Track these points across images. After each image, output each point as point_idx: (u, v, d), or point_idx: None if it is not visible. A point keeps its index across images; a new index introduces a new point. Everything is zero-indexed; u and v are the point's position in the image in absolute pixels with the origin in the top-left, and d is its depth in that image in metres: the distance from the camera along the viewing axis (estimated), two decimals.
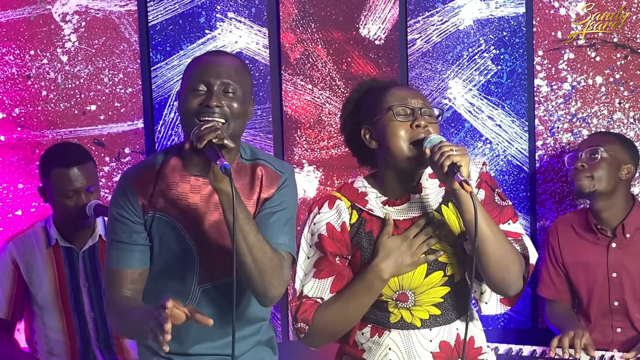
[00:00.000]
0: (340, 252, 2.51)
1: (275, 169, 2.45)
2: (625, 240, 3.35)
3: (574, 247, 3.43)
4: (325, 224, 2.50)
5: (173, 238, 2.42)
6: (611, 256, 3.36)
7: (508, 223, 2.48)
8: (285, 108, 3.70)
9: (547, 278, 3.48)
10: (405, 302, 2.51)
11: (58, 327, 3.30)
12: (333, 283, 2.50)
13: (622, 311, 3.36)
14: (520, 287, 2.47)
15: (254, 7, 3.66)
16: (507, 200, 2.53)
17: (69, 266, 3.29)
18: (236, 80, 2.36)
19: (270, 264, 2.31)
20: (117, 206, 2.43)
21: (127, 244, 2.42)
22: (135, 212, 2.41)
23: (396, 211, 2.50)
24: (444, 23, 3.68)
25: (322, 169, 3.72)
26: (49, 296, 3.28)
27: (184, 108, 2.36)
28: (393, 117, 2.43)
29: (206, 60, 2.41)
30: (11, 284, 3.29)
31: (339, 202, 2.52)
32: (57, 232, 3.28)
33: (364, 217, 2.51)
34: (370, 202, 2.51)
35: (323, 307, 2.49)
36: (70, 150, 3.32)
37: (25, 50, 3.63)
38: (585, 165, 3.35)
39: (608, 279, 3.36)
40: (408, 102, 2.45)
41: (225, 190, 2.23)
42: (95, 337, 3.31)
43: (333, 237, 2.50)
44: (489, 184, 2.52)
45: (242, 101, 2.37)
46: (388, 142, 2.44)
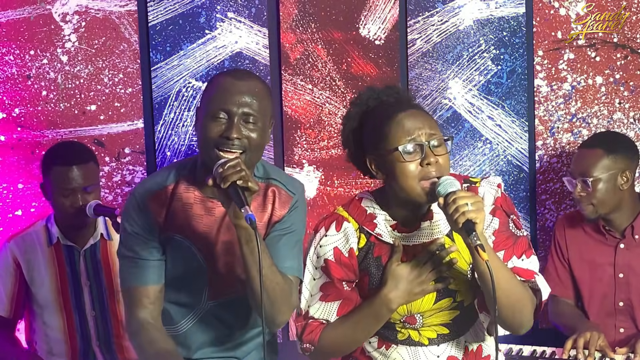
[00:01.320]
0: (348, 277, 2.47)
1: (287, 190, 2.45)
2: (634, 241, 3.33)
3: (580, 244, 3.42)
4: (333, 249, 2.45)
5: (186, 257, 2.44)
6: (619, 257, 3.35)
7: (522, 259, 2.42)
8: (285, 108, 3.70)
9: (552, 273, 3.46)
10: (413, 324, 2.49)
11: (58, 326, 3.30)
12: (340, 307, 2.48)
13: (627, 311, 3.35)
14: (531, 325, 2.42)
15: (254, 7, 3.66)
16: (523, 229, 2.47)
17: (70, 265, 3.29)
18: (257, 109, 2.33)
19: (281, 293, 2.32)
20: (133, 223, 2.42)
21: (144, 260, 2.43)
22: (151, 231, 2.42)
23: (406, 237, 2.44)
24: (444, 23, 3.68)
25: (322, 169, 3.72)
26: (49, 295, 3.28)
27: (203, 135, 2.32)
28: (401, 158, 2.31)
29: (228, 86, 2.34)
30: (13, 282, 3.29)
31: (346, 224, 2.45)
32: (58, 231, 3.28)
33: (372, 241, 2.45)
34: (379, 225, 2.44)
35: (329, 330, 2.47)
36: (72, 149, 3.32)
37: (25, 50, 3.63)
38: (583, 194, 3.29)
39: (614, 279, 3.35)
40: (415, 136, 2.32)
41: (244, 226, 2.22)
42: (96, 336, 3.31)
43: (340, 262, 2.45)
44: (504, 209, 2.45)
45: (262, 131, 2.34)
46: (397, 180, 2.34)
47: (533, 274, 2.41)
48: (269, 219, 2.43)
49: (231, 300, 2.48)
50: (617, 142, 3.39)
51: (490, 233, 2.42)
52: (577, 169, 3.32)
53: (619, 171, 3.28)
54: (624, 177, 3.29)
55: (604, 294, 3.37)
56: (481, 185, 2.46)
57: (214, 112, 2.31)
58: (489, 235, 2.42)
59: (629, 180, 3.30)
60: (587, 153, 3.33)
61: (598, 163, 3.28)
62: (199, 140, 2.36)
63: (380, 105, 2.44)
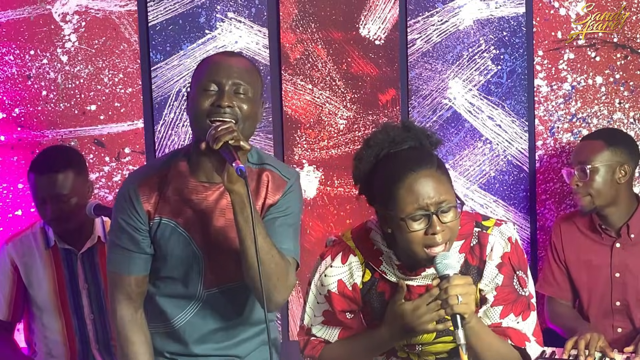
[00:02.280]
0: (350, 308, 2.50)
1: (281, 174, 2.45)
2: (630, 240, 3.33)
3: (577, 245, 3.42)
4: (337, 281, 2.47)
5: (179, 243, 2.42)
6: (615, 256, 3.35)
7: (518, 320, 2.43)
8: (285, 108, 3.70)
9: (549, 275, 3.47)
10: (413, 350, 2.52)
11: (57, 329, 3.30)
12: (341, 332, 2.53)
13: (624, 311, 3.35)
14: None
15: (254, 7, 3.66)
16: (527, 288, 2.46)
17: (68, 268, 3.28)
18: (248, 81, 2.35)
19: (276, 268, 2.31)
20: (122, 213, 2.43)
21: (130, 252, 2.43)
22: (140, 220, 2.41)
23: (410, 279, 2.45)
24: (444, 23, 3.68)
25: (322, 169, 3.72)
26: (48, 298, 3.27)
27: (195, 108, 2.34)
28: (407, 228, 2.29)
29: (217, 60, 2.40)
30: (11, 285, 3.28)
31: (352, 258, 2.47)
32: (55, 234, 3.27)
33: (377, 277, 2.47)
34: (384, 263, 2.45)
35: (329, 350, 2.53)
36: (50, 156, 3.28)
37: (25, 50, 3.63)
38: (579, 184, 3.30)
39: (611, 279, 3.35)
40: (423, 203, 2.28)
41: (238, 192, 2.23)
42: (95, 339, 3.31)
43: (344, 295, 2.48)
44: (512, 263, 2.44)
45: (252, 102, 2.36)
46: (403, 242, 2.34)
47: (525, 341, 2.43)
48: (263, 203, 2.42)
49: (227, 288, 2.46)
50: (619, 136, 3.41)
51: (493, 288, 2.44)
52: (576, 157, 3.34)
53: (617, 164, 3.29)
54: (622, 170, 3.30)
55: (601, 294, 3.37)
56: (492, 235, 2.45)
57: (205, 84, 2.33)
58: (491, 289, 2.44)
59: (626, 175, 3.30)
60: (587, 144, 3.35)
61: (598, 153, 3.29)
62: (191, 117, 2.37)
63: (394, 157, 2.38)
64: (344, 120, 3.71)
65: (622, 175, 3.30)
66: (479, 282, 2.44)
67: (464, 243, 2.44)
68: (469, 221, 2.46)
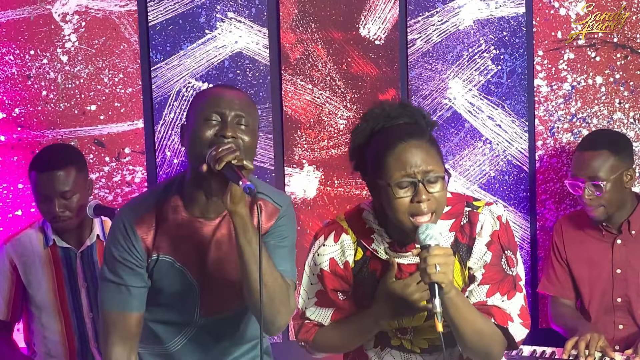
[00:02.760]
0: (342, 287, 2.52)
1: (274, 202, 2.44)
2: (631, 236, 3.34)
3: (578, 243, 3.42)
4: (329, 259, 2.50)
5: (176, 277, 2.42)
6: (616, 253, 3.36)
7: (503, 299, 2.44)
8: (285, 108, 3.70)
9: (551, 274, 3.47)
10: (405, 335, 2.52)
11: (56, 328, 3.30)
12: (333, 313, 2.54)
13: (625, 308, 3.35)
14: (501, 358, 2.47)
15: (254, 7, 3.66)
16: (514, 268, 2.47)
17: (67, 267, 3.29)
18: (248, 113, 2.35)
19: (279, 291, 2.30)
20: (120, 249, 2.40)
21: (129, 287, 2.39)
22: (139, 257, 2.39)
23: (401, 255, 2.47)
24: (444, 23, 3.68)
25: (322, 169, 3.72)
26: (47, 297, 3.28)
27: (196, 138, 2.30)
28: (393, 194, 2.32)
29: (218, 92, 2.38)
30: (9, 285, 3.28)
31: (344, 236, 2.49)
32: (54, 233, 3.27)
33: (369, 255, 2.49)
34: (375, 241, 2.48)
35: (322, 333, 2.53)
36: (51, 154, 3.29)
37: (25, 50, 3.63)
38: (592, 197, 3.27)
39: (612, 276, 3.35)
40: (410, 171, 2.31)
41: (240, 214, 2.22)
42: (94, 337, 3.31)
43: (335, 273, 2.50)
44: (501, 242, 2.46)
45: (253, 133, 2.36)
46: (390, 211, 2.36)
47: (507, 320, 2.43)
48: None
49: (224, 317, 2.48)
50: (619, 141, 3.39)
51: (481, 265, 2.45)
52: (585, 172, 3.28)
53: (623, 169, 3.29)
54: (628, 175, 3.30)
55: (603, 290, 3.38)
56: (482, 213, 2.47)
57: (207, 115, 2.30)
58: (480, 267, 2.45)
59: (632, 178, 3.31)
60: (593, 156, 3.28)
61: (607, 165, 3.26)
62: (190, 148, 2.33)
63: (387, 130, 2.42)
64: (344, 120, 3.71)
65: (628, 179, 3.30)
66: (468, 260, 2.46)
67: (454, 222, 2.46)
68: (459, 201, 2.49)
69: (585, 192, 3.27)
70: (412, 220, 2.31)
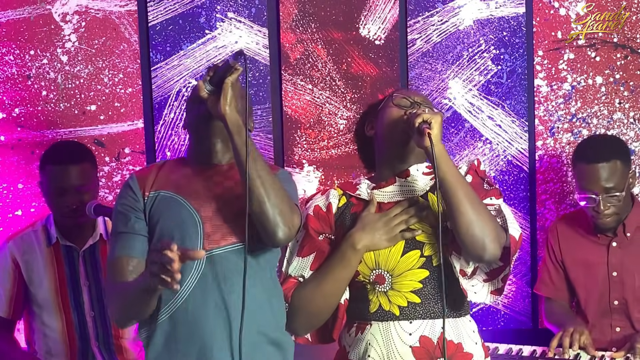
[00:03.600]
0: (323, 229, 2.58)
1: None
2: (626, 239, 3.34)
3: (573, 246, 3.43)
4: (314, 206, 2.61)
5: (175, 209, 2.42)
6: (612, 255, 3.36)
7: (490, 198, 2.52)
8: (285, 108, 3.70)
9: (546, 276, 3.48)
10: (382, 284, 2.51)
11: (57, 327, 3.30)
12: (313, 261, 2.56)
13: (622, 310, 3.35)
14: (497, 255, 2.44)
15: (254, 7, 3.66)
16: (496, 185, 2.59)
17: (69, 265, 3.29)
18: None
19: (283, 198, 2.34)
20: (122, 201, 2.46)
21: (128, 234, 2.42)
22: (136, 200, 2.43)
23: (382, 194, 2.57)
24: (444, 23, 3.68)
25: (322, 169, 3.72)
26: (48, 295, 3.28)
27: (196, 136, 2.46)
28: (391, 104, 2.55)
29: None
30: (12, 282, 3.28)
31: (332, 191, 2.63)
32: (57, 231, 3.27)
33: (352, 201, 2.59)
34: (360, 188, 2.60)
35: (301, 286, 2.54)
36: (68, 148, 3.32)
37: (25, 50, 3.63)
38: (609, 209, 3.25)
39: (608, 278, 3.35)
40: (411, 96, 2.58)
41: (233, 115, 2.31)
42: (95, 337, 3.31)
43: (318, 216, 2.58)
44: (479, 174, 2.58)
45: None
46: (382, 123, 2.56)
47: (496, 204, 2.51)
48: None
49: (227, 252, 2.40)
50: (622, 146, 3.37)
51: None
52: (601, 185, 3.24)
53: (628, 173, 3.29)
54: (631, 177, 3.32)
55: (599, 293, 3.38)
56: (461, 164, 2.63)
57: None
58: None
59: (634, 180, 3.33)
60: (605, 167, 3.24)
61: (619, 174, 3.25)
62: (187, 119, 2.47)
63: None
64: (344, 120, 3.71)
65: (631, 182, 3.31)
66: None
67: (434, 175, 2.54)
68: None
69: (601, 205, 3.24)
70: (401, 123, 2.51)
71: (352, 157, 3.68)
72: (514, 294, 3.73)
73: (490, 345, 3.22)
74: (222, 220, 2.40)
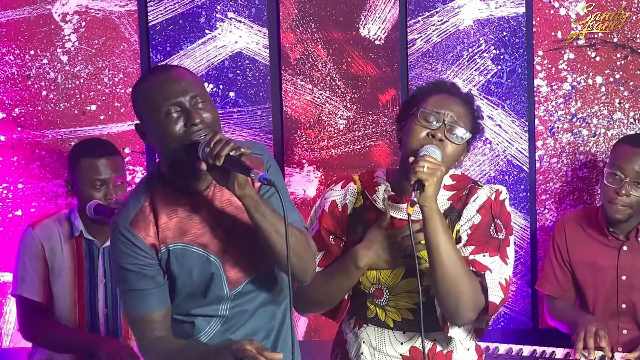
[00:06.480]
0: (335, 230, 2.59)
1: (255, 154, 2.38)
2: (638, 243, 3.31)
3: (582, 247, 3.40)
4: (331, 201, 2.60)
5: (193, 260, 2.36)
6: (622, 259, 3.33)
7: (485, 255, 2.45)
8: (285, 108, 3.70)
9: (550, 274, 3.45)
10: (380, 298, 2.54)
11: (70, 319, 3.29)
12: (322, 258, 2.59)
13: (630, 313, 3.33)
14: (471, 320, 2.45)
15: (254, 7, 3.66)
16: (502, 234, 2.49)
17: (89, 260, 3.29)
18: (198, 88, 2.32)
19: (301, 244, 2.32)
20: (124, 256, 2.34)
21: (143, 291, 2.35)
22: (147, 256, 2.34)
23: (397, 209, 2.53)
24: (444, 23, 3.68)
25: (322, 169, 3.72)
26: (66, 286, 3.27)
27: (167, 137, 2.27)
28: (416, 121, 2.47)
29: (163, 80, 2.31)
30: (43, 267, 3.28)
31: (351, 184, 2.61)
32: (82, 224, 3.28)
33: (368, 205, 2.57)
34: (377, 193, 2.57)
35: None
36: (100, 142, 3.35)
37: (25, 50, 3.63)
38: (628, 195, 3.22)
39: (617, 282, 3.33)
40: (439, 110, 2.47)
41: (250, 195, 2.23)
42: (105, 333, 3.31)
43: (333, 214, 2.59)
44: (492, 211, 2.49)
45: (211, 106, 2.33)
46: (405, 137, 2.49)
47: (486, 269, 2.44)
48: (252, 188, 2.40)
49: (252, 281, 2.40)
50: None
51: (468, 227, 2.49)
52: (635, 169, 3.23)
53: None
54: None
55: (607, 296, 3.36)
56: (482, 188, 2.54)
57: (165, 110, 2.27)
58: (467, 229, 2.48)
59: None
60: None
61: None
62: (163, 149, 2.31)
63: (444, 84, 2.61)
64: (344, 120, 3.71)
65: None
66: (457, 223, 2.50)
67: (454, 194, 2.54)
68: (466, 180, 2.59)
69: (624, 189, 3.22)
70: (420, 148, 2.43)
71: (352, 157, 3.68)
72: (514, 294, 3.73)
73: (491, 345, 3.21)
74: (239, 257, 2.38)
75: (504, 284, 2.46)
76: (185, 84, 2.30)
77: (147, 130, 2.35)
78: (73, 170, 3.27)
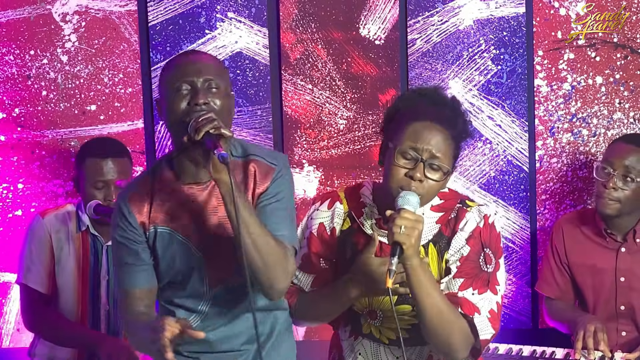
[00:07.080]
0: (325, 254, 2.56)
1: (267, 162, 2.42)
2: (636, 245, 3.31)
3: (580, 249, 3.39)
4: (318, 224, 2.56)
5: (177, 248, 2.41)
6: (620, 261, 3.33)
7: (472, 293, 2.42)
8: (285, 108, 3.70)
9: (549, 276, 3.45)
10: (374, 319, 2.54)
11: (72, 312, 3.29)
12: (313, 280, 2.57)
13: (629, 315, 3.33)
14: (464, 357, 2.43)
15: (254, 7, 3.66)
16: (492, 265, 2.45)
17: (93, 255, 3.30)
18: (217, 76, 2.35)
19: (274, 255, 2.29)
20: (118, 229, 2.42)
21: (132, 265, 2.42)
22: (136, 232, 2.40)
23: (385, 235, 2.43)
24: (444, 23, 3.68)
25: (322, 169, 3.72)
26: (70, 279, 3.28)
27: (170, 111, 2.33)
28: (393, 161, 2.38)
29: (184, 60, 2.39)
30: (50, 257, 3.28)
31: (338, 205, 2.56)
32: (89, 220, 3.28)
33: (355, 227, 2.53)
34: (364, 215, 2.52)
35: (302, 299, 2.56)
36: (107, 143, 3.35)
37: (25, 50, 3.63)
38: (616, 188, 3.23)
39: (616, 283, 3.33)
40: (419, 146, 2.37)
41: (224, 181, 2.22)
42: (106, 329, 3.31)
43: (321, 238, 2.55)
44: (482, 239, 2.46)
45: (226, 96, 2.36)
46: (385, 176, 2.43)
47: (475, 311, 2.41)
48: (252, 193, 2.40)
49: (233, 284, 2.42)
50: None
51: (457, 258, 2.45)
52: (623, 164, 3.25)
53: None
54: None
55: (606, 297, 3.35)
56: (470, 211, 2.49)
57: (177, 85, 2.32)
58: (455, 260, 2.45)
59: None
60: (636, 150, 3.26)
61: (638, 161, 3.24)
62: (167, 122, 2.37)
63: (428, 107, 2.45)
64: (344, 120, 3.71)
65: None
66: (446, 252, 2.46)
67: (442, 215, 2.48)
68: (454, 198, 2.52)
69: (612, 181, 3.23)
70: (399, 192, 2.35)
71: (352, 157, 3.68)
72: (514, 294, 3.73)
73: (490, 345, 3.21)
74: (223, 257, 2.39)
75: (496, 310, 2.44)
76: (201, 65, 2.35)
77: (161, 105, 2.40)
78: (79, 168, 3.28)
